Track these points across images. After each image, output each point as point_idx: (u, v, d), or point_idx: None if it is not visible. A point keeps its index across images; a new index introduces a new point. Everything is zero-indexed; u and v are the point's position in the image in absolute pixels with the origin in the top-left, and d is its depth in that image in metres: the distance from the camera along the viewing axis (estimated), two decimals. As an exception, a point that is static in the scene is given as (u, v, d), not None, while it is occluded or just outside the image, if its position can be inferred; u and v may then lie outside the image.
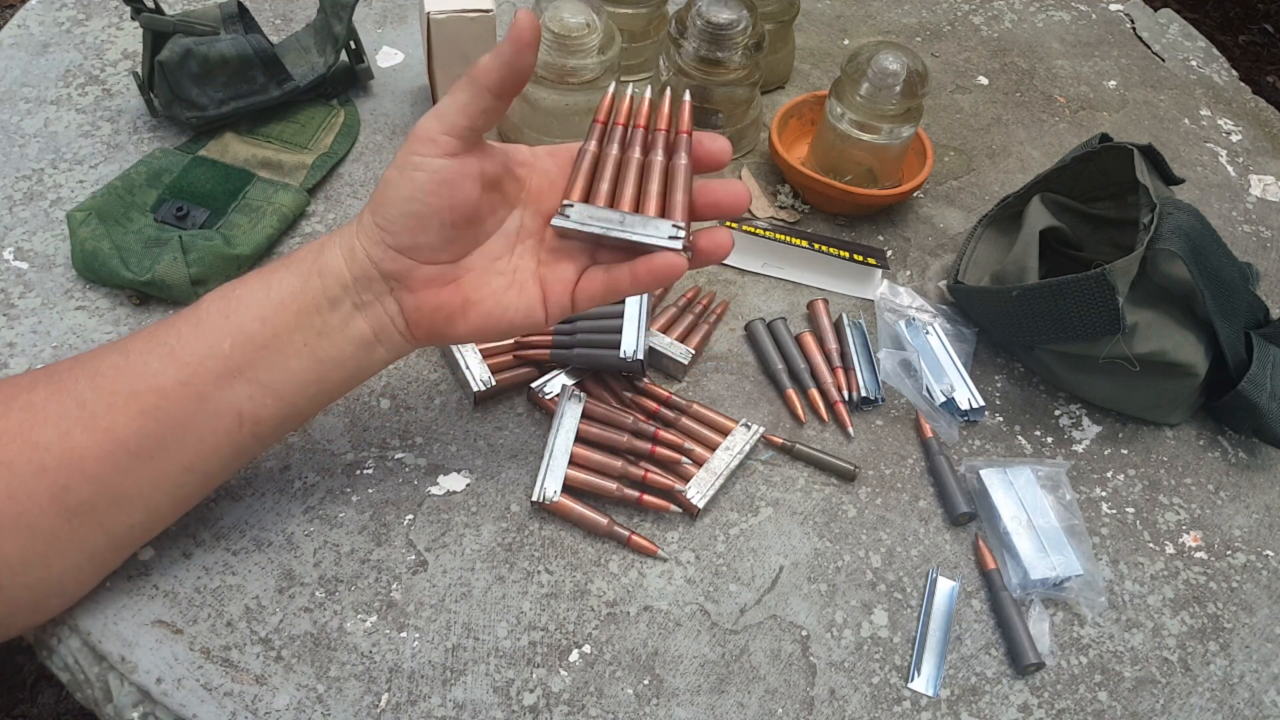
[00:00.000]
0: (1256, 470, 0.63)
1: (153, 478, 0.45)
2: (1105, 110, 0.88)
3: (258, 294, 0.45)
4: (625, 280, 0.45)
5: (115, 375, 0.44)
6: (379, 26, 0.82)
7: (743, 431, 0.57)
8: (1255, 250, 0.77)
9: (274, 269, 0.46)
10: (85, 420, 0.43)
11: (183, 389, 0.44)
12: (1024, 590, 0.54)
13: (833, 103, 0.70)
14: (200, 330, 0.44)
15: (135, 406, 0.43)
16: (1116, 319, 0.56)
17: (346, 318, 0.46)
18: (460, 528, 0.53)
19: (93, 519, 0.44)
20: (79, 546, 0.44)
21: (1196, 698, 0.52)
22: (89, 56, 0.75)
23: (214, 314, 0.45)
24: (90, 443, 0.43)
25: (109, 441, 0.43)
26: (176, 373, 0.44)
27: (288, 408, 0.46)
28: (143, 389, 0.43)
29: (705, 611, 0.52)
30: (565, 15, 0.65)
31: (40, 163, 0.67)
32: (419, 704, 0.47)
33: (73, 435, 0.42)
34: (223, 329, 0.44)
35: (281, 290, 0.45)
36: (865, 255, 0.69)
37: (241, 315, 0.45)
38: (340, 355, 0.46)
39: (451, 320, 0.46)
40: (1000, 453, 0.61)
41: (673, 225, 0.44)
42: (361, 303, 0.46)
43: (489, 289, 0.46)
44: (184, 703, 0.45)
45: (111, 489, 0.44)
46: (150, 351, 0.44)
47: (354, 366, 0.47)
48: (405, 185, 0.44)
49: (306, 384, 0.46)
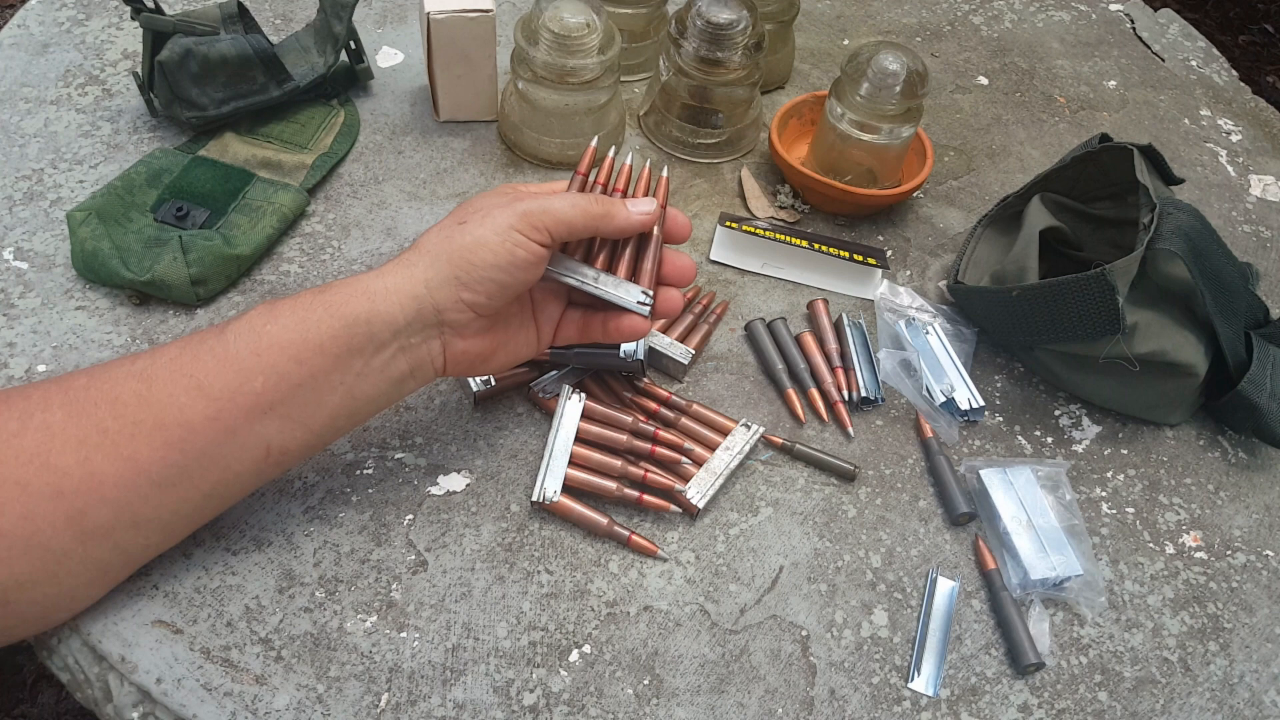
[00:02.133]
0: (1256, 470, 0.63)
1: (173, 504, 0.45)
2: (1105, 110, 0.88)
3: (293, 334, 0.45)
4: (597, 331, 0.52)
5: (139, 405, 0.43)
6: (379, 26, 0.82)
7: (743, 431, 0.57)
8: (1255, 250, 0.77)
9: (312, 305, 0.45)
10: (107, 448, 0.42)
11: (211, 424, 0.44)
12: (1024, 590, 0.54)
13: (833, 103, 0.70)
14: (229, 366, 0.44)
15: (160, 438, 0.43)
16: (1116, 319, 0.56)
17: (389, 360, 0.47)
18: (460, 528, 0.53)
19: (108, 541, 0.44)
20: (91, 565, 0.44)
21: (1196, 698, 0.52)
22: (89, 56, 0.75)
23: (244, 351, 0.44)
24: (111, 470, 0.42)
25: (131, 470, 0.43)
26: (205, 408, 0.43)
27: (315, 438, 0.47)
28: (169, 422, 0.43)
29: (705, 611, 0.52)
30: (565, 15, 0.65)
31: (40, 163, 0.67)
32: (419, 704, 0.47)
33: (93, 461, 0.42)
34: (254, 367, 0.44)
35: (321, 334, 0.45)
36: (865, 255, 0.69)
37: (275, 355, 0.44)
38: (376, 393, 0.47)
39: (485, 361, 0.50)
40: (1000, 453, 0.61)
41: (642, 291, 0.50)
42: (409, 345, 0.47)
43: (511, 332, 0.51)
44: (184, 703, 0.45)
45: (130, 514, 0.44)
46: (175, 384, 0.44)
47: (385, 401, 0.48)
48: (504, 257, 0.46)
49: (337, 418, 0.47)
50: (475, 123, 0.75)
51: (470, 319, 0.47)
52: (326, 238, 0.66)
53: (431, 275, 0.46)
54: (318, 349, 0.45)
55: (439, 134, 0.74)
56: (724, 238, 0.69)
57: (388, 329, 0.46)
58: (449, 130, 0.75)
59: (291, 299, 0.46)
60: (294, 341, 0.44)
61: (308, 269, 0.64)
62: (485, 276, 0.46)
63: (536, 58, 0.66)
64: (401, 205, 0.69)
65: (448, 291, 0.46)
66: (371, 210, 0.68)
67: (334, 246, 0.65)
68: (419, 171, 0.71)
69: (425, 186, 0.70)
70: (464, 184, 0.71)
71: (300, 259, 0.64)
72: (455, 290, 0.46)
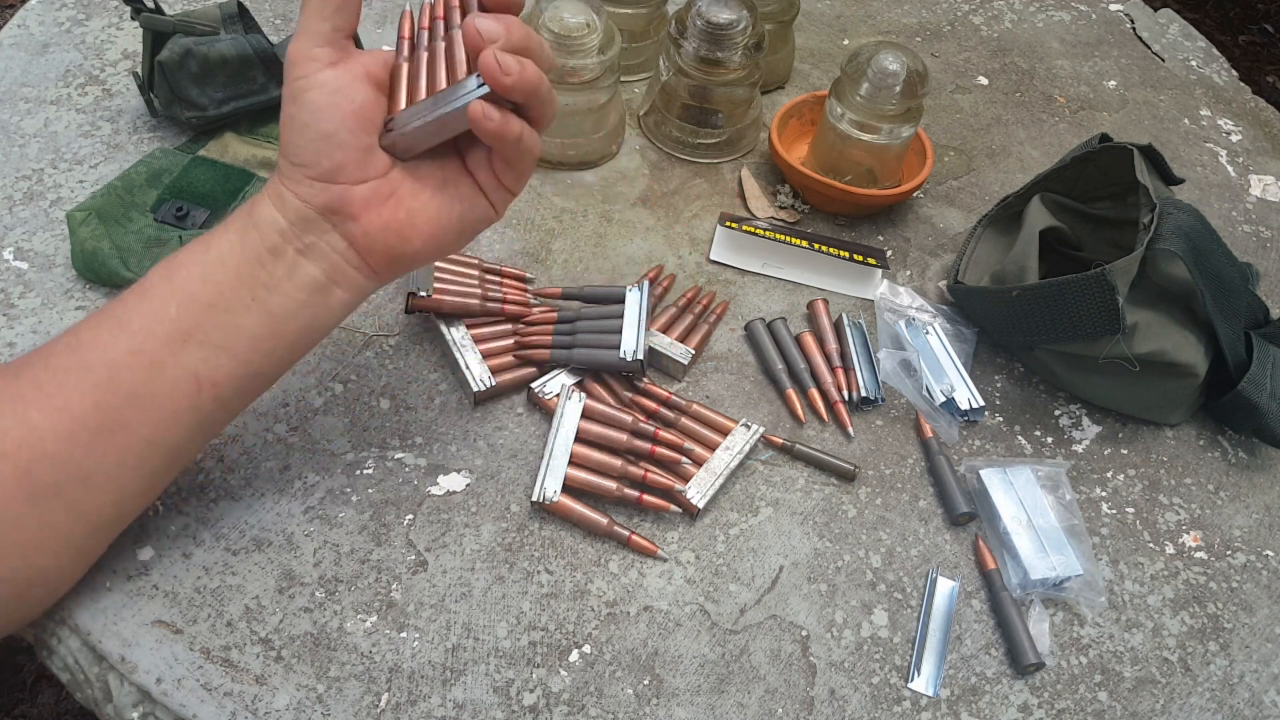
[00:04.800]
0: (1256, 470, 0.63)
1: (116, 453, 0.44)
2: (1105, 110, 0.88)
3: (197, 255, 0.44)
4: (482, 150, 0.46)
5: (66, 353, 0.43)
6: (379, 27, 0.82)
7: (743, 431, 0.57)
8: (1255, 250, 0.77)
9: (214, 231, 0.45)
10: (40, 401, 0.42)
11: (133, 358, 0.43)
12: (1024, 590, 0.54)
13: (833, 103, 0.70)
14: (145, 298, 0.44)
15: (88, 381, 0.42)
16: (1116, 319, 0.56)
17: (291, 265, 0.45)
18: (460, 528, 0.53)
19: (59, 502, 0.43)
20: (52, 533, 0.43)
21: (1196, 698, 0.52)
22: (89, 56, 0.75)
23: (157, 281, 0.44)
24: (48, 424, 0.42)
25: (66, 420, 0.42)
26: (126, 342, 0.43)
27: (245, 367, 0.45)
28: (93, 361, 0.43)
29: (705, 611, 0.52)
30: (565, 15, 0.65)
31: (40, 163, 0.67)
32: (419, 704, 0.47)
33: (30, 418, 0.42)
34: (167, 293, 0.44)
35: (220, 248, 0.44)
36: (865, 255, 0.69)
37: (183, 277, 0.44)
38: (293, 305, 0.45)
39: (403, 236, 0.45)
40: (1000, 453, 0.61)
41: (475, 77, 0.43)
42: (305, 246, 0.45)
43: (427, 193, 0.46)
44: (184, 703, 0.45)
45: (74, 468, 0.43)
46: (99, 326, 0.44)
47: (310, 315, 0.46)
48: (302, 111, 0.43)
49: (260, 339, 0.45)
50: (475, 123, 0.75)
51: (341, 191, 0.44)
52: (326, 238, 0.66)
53: (280, 173, 0.44)
54: (218, 263, 0.44)
55: (439, 134, 0.74)
56: (724, 238, 0.69)
57: (274, 230, 0.44)
58: (449, 130, 0.75)
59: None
60: (198, 260, 0.44)
61: (308, 269, 0.64)
62: (305, 140, 0.43)
63: (536, 58, 0.66)
64: (401, 205, 0.68)
65: (293, 177, 0.44)
66: (371, 210, 0.68)
67: (334, 246, 0.65)
68: (419, 171, 0.71)
69: (425, 186, 0.70)
70: (464, 184, 0.71)
71: (300, 259, 0.64)
72: (298, 173, 0.43)
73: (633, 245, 0.69)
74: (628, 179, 0.74)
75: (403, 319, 0.62)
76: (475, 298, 0.60)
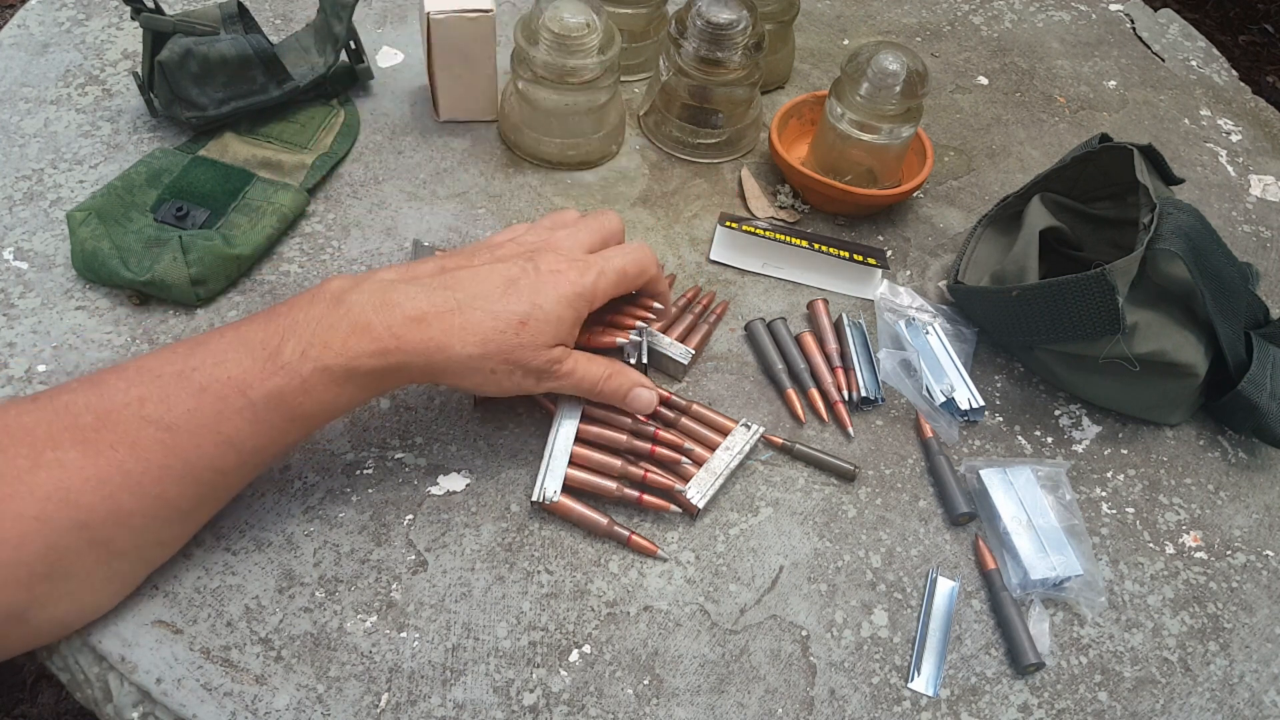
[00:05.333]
0: (1256, 470, 0.63)
1: (197, 525, 0.48)
2: (1105, 110, 0.88)
3: (326, 405, 0.47)
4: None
5: (164, 452, 0.43)
6: (379, 26, 0.82)
7: (743, 431, 0.57)
8: (1255, 250, 0.77)
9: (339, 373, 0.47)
10: (131, 487, 0.43)
11: (242, 468, 0.46)
12: (1024, 590, 0.54)
13: (833, 103, 0.69)
14: (259, 429, 0.45)
15: (190, 479, 0.44)
16: (1116, 319, 0.56)
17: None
18: (460, 528, 0.53)
19: (131, 557, 0.45)
20: (114, 579, 0.45)
21: (1196, 698, 0.52)
22: (89, 56, 0.75)
23: (278, 419, 0.45)
24: (139, 506, 0.43)
25: (159, 505, 0.44)
26: (236, 459, 0.45)
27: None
28: (200, 468, 0.44)
29: (705, 611, 0.52)
30: (565, 15, 0.65)
31: (40, 163, 0.67)
32: (419, 704, 0.47)
33: (118, 498, 0.42)
34: (290, 429, 0.46)
35: (337, 409, 0.47)
36: (865, 255, 0.69)
37: (307, 426, 0.47)
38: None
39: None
40: (1000, 453, 0.61)
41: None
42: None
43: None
44: (184, 703, 0.45)
45: (154, 537, 0.45)
46: (202, 438, 0.44)
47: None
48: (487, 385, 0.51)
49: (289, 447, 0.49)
50: (475, 123, 0.75)
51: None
52: (326, 238, 0.66)
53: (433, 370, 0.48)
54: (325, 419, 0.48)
55: (439, 134, 0.74)
56: (724, 238, 0.69)
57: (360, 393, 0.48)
58: (449, 130, 0.75)
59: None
60: (322, 415, 0.47)
61: (308, 269, 0.64)
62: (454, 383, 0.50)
63: (536, 58, 0.66)
64: (401, 205, 0.69)
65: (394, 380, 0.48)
66: (371, 210, 0.68)
67: (334, 246, 0.65)
68: (419, 171, 0.71)
69: (425, 186, 0.70)
70: (464, 184, 0.71)
71: (300, 259, 0.64)
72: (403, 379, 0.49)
73: (633, 245, 0.69)
74: (628, 179, 0.74)
75: (403, 319, 0.62)
76: None
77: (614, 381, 0.53)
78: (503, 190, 0.71)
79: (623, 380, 0.54)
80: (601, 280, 0.51)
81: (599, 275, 0.51)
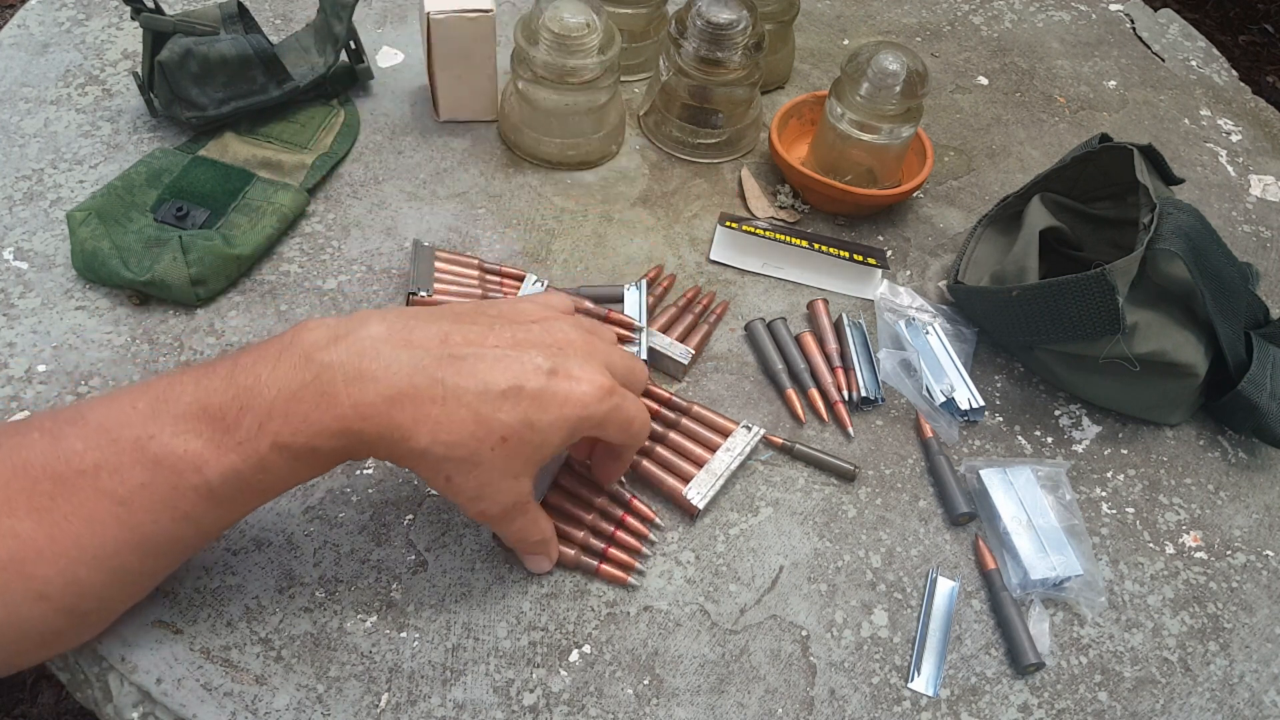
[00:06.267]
0: (1256, 470, 0.63)
1: (164, 577, 0.46)
2: (1105, 110, 0.88)
3: (285, 479, 0.43)
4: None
5: (120, 528, 0.41)
6: (379, 26, 0.82)
7: (744, 433, 0.57)
8: (1255, 250, 0.77)
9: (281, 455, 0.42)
10: (89, 562, 0.41)
11: (201, 537, 0.44)
12: (1024, 590, 0.54)
13: (833, 103, 0.69)
14: (216, 506, 0.42)
15: (149, 552, 0.42)
16: (1116, 319, 0.56)
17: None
18: (460, 528, 0.53)
19: (99, 614, 0.44)
20: (84, 630, 0.45)
21: (1196, 698, 0.52)
22: (89, 56, 0.75)
23: (237, 499, 0.42)
24: (99, 579, 0.42)
25: (118, 575, 0.42)
26: (195, 534, 0.43)
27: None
28: (160, 542, 0.42)
29: (705, 611, 0.52)
30: (565, 15, 0.65)
31: (40, 163, 0.67)
32: (419, 704, 0.47)
33: (77, 572, 0.41)
34: (247, 503, 0.43)
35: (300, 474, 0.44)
36: (865, 255, 0.69)
37: (263, 497, 0.44)
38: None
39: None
40: (1000, 453, 0.61)
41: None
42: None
43: None
44: (184, 703, 0.45)
45: (119, 598, 0.44)
46: (160, 514, 0.41)
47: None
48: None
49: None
50: (475, 123, 0.75)
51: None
52: (326, 237, 0.66)
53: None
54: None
55: (439, 134, 0.74)
56: (724, 238, 0.69)
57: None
58: (449, 130, 0.75)
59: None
60: (283, 486, 0.44)
61: (308, 269, 0.64)
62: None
63: (536, 58, 0.66)
64: (401, 205, 0.69)
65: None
66: (371, 210, 0.68)
67: (334, 246, 0.65)
68: (419, 171, 0.71)
69: (425, 186, 0.70)
70: (464, 184, 0.71)
71: (300, 259, 0.64)
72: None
73: (633, 245, 0.69)
74: (628, 179, 0.74)
75: (403, 319, 0.62)
76: (475, 298, 0.60)
77: (537, 545, 0.49)
78: (503, 190, 0.71)
79: (544, 547, 0.50)
80: (614, 416, 0.45)
81: (614, 409, 0.44)
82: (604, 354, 0.46)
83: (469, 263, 0.63)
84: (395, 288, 0.63)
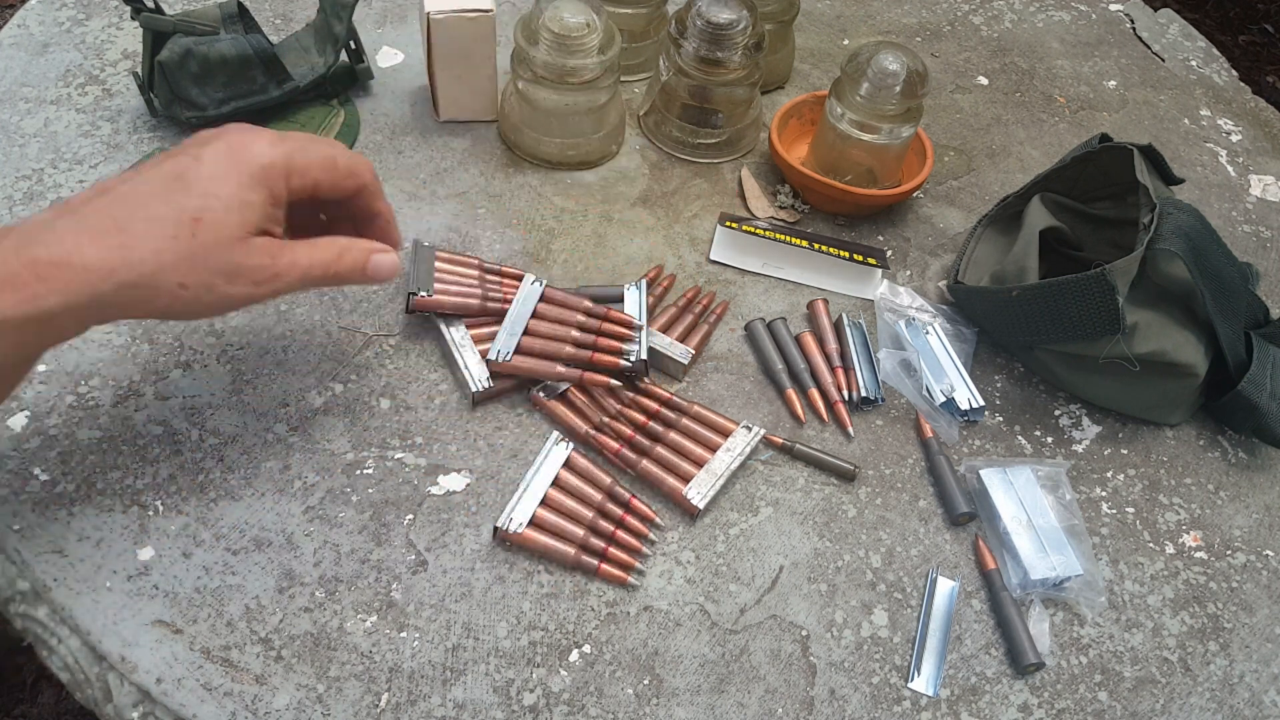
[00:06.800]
0: (1256, 470, 0.63)
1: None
2: (1105, 110, 0.88)
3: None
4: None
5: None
6: (379, 26, 0.82)
7: (744, 433, 0.57)
8: (1255, 250, 0.77)
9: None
10: None
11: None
12: (1024, 590, 0.54)
13: (833, 103, 0.69)
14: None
15: None
16: (1116, 319, 0.56)
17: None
18: (460, 528, 0.53)
19: None
20: None
21: (1196, 698, 0.52)
22: (89, 56, 0.75)
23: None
24: None
25: None
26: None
27: None
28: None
29: (705, 611, 0.52)
30: (565, 15, 0.65)
31: (40, 163, 0.67)
32: (419, 704, 0.47)
33: None
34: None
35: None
36: (865, 255, 0.69)
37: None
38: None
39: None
40: (1000, 453, 0.61)
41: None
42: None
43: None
44: (184, 703, 0.45)
45: None
46: None
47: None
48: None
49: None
50: (475, 123, 0.75)
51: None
52: (326, 238, 0.66)
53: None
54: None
55: (439, 134, 0.74)
56: (724, 238, 0.69)
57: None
58: (449, 130, 0.75)
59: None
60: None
61: (308, 269, 0.64)
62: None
63: (536, 58, 0.66)
64: (401, 205, 0.69)
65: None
66: (371, 210, 0.68)
67: (334, 246, 0.65)
68: (419, 171, 0.71)
69: (425, 186, 0.70)
70: (464, 184, 0.71)
71: (300, 259, 0.64)
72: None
73: (633, 245, 0.69)
74: (628, 179, 0.74)
75: (403, 319, 0.62)
76: (475, 298, 0.60)
77: (348, 259, 0.47)
78: (503, 190, 0.71)
79: (357, 254, 0.47)
80: (300, 155, 0.44)
81: (298, 150, 0.44)
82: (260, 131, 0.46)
83: (469, 263, 0.63)
84: (395, 287, 0.63)
